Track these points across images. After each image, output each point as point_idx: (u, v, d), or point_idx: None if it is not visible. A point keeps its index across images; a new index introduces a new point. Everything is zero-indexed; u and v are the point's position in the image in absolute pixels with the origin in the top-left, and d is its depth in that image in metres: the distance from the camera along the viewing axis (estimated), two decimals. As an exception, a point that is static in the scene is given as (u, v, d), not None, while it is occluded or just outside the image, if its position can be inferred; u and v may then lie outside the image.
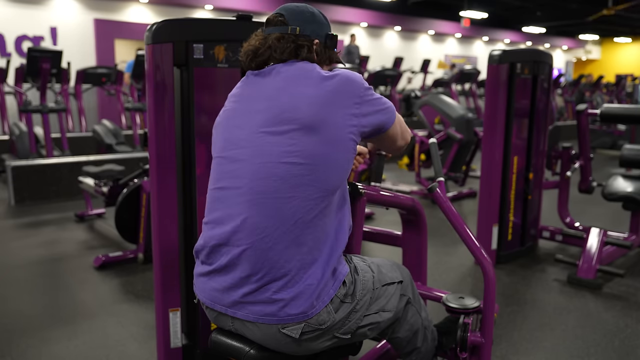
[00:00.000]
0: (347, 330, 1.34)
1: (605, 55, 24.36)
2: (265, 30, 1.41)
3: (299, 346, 1.29)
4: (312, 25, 1.41)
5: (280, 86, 1.31)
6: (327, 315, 1.28)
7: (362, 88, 1.32)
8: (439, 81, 10.83)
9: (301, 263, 1.25)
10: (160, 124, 1.90)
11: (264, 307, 1.25)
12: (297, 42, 1.36)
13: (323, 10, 10.84)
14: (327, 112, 1.27)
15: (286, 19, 1.39)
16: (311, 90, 1.28)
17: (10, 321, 2.63)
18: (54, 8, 10.40)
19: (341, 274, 1.32)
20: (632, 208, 3.45)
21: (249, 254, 1.25)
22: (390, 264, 1.54)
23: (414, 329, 1.59)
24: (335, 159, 1.28)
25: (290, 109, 1.27)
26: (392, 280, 1.47)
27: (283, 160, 1.25)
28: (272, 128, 1.27)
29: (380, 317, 1.41)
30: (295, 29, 1.37)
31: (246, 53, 1.40)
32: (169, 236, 1.97)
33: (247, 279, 1.26)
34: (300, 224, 1.25)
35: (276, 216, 1.24)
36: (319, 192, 1.26)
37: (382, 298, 1.42)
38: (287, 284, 1.24)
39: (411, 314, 1.57)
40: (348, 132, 1.29)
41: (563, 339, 2.49)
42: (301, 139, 1.25)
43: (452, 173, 5.28)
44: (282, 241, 1.24)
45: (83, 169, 4.42)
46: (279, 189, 1.24)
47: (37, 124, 6.80)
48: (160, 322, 2.02)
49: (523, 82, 3.35)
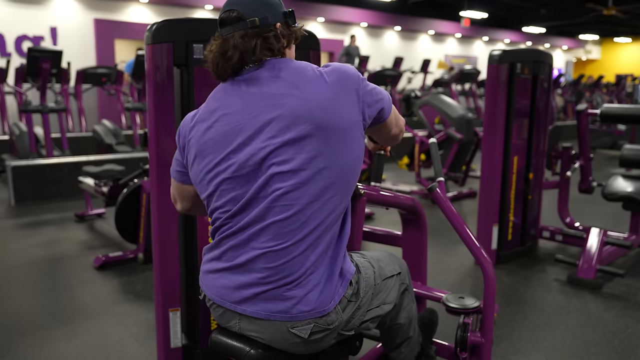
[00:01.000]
0: (351, 327, 1.36)
1: (605, 55, 24.36)
2: (223, 31, 1.32)
3: (307, 346, 1.29)
4: (268, 10, 1.32)
5: (283, 92, 1.25)
6: (335, 315, 1.28)
7: (359, 79, 1.30)
8: (439, 81, 10.83)
9: (316, 263, 1.25)
10: (160, 124, 1.90)
11: (276, 304, 1.25)
12: (262, 34, 1.29)
13: (323, 10, 10.77)
14: (338, 111, 1.24)
15: (240, 13, 1.30)
16: (318, 91, 1.24)
17: (10, 321, 2.63)
18: (54, 8, 10.40)
19: (348, 273, 1.32)
20: (632, 208, 3.45)
21: (270, 256, 1.24)
22: (388, 255, 1.56)
23: (410, 315, 1.62)
24: (351, 159, 1.27)
25: (304, 114, 1.22)
26: (392, 273, 1.50)
27: (304, 167, 1.21)
28: (287, 136, 1.21)
29: (381, 310, 1.44)
30: (254, 21, 1.29)
31: (213, 61, 1.31)
32: (169, 236, 1.97)
33: (262, 279, 1.25)
34: (320, 227, 1.24)
35: (298, 222, 1.23)
36: (339, 193, 1.26)
37: (383, 292, 1.44)
38: (301, 282, 1.24)
39: (407, 301, 1.60)
40: (357, 127, 1.28)
41: (563, 339, 2.49)
42: (319, 142, 1.22)
43: (452, 173, 5.28)
44: (301, 245, 1.23)
45: (83, 169, 4.42)
46: (302, 195, 1.22)
47: (37, 124, 6.80)
48: (160, 322, 2.02)
49: (523, 82, 3.35)
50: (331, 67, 1.30)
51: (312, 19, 13.78)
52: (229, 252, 1.30)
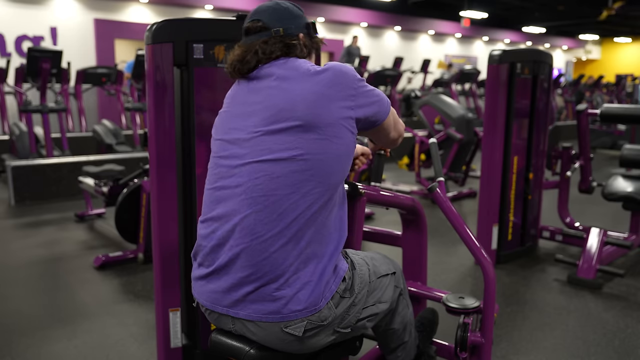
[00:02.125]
0: (347, 324, 1.35)
1: (605, 55, 24.35)
2: (247, 40, 1.38)
3: (302, 344, 1.29)
4: (292, 21, 1.39)
5: (273, 85, 1.30)
6: (328, 311, 1.28)
7: (355, 80, 1.31)
8: (439, 81, 10.83)
9: (301, 259, 1.25)
10: (160, 124, 1.90)
11: (266, 305, 1.25)
12: (285, 41, 1.35)
13: (323, 10, 10.78)
14: (323, 106, 1.26)
15: (265, 23, 1.36)
16: (305, 86, 1.27)
17: (10, 321, 2.63)
18: (54, 8, 10.40)
19: (342, 270, 1.33)
20: (632, 208, 3.45)
21: (248, 252, 1.25)
22: (382, 256, 1.57)
23: (405, 320, 1.63)
24: (335, 153, 1.28)
25: (286, 106, 1.26)
26: (386, 272, 1.50)
27: (282, 157, 1.24)
28: (269, 127, 1.27)
29: (377, 308, 1.44)
30: (278, 31, 1.35)
31: (232, 64, 1.38)
32: (169, 236, 1.97)
33: (246, 277, 1.26)
34: (300, 220, 1.25)
35: (275, 213, 1.24)
36: (320, 186, 1.27)
37: (378, 290, 1.45)
38: (288, 280, 1.24)
39: (402, 306, 1.60)
40: (345, 124, 1.29)
41: (563, 339, 2.49)
42: (299, 136, 1.24)
43: (452, 173, 5.28)
44: (281, 238, 1.24)
45: (83, 169, 4.42)
46: (278, 186, 1.24)
47: (37, 124, 6.80)
48: (160, 322, 2.02)
49: (523, 82, 3.35)
50: (328, 65, 1.32)
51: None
52: (209, 256, 1.32)
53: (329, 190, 1.29)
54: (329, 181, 1.28)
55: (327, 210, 1.29)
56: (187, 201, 1.98)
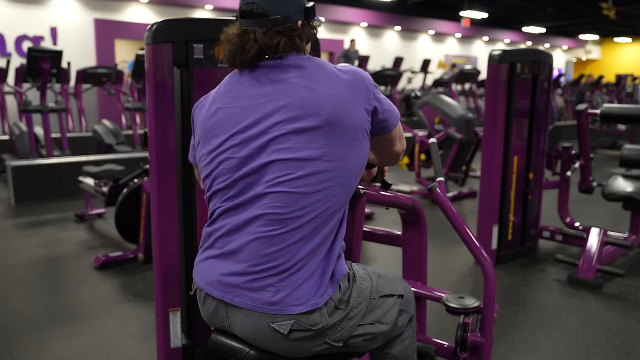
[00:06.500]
0: (339, 338, 1.31)
1: (605, 55, 24.35)
2: (244, 22, 1.32)
3: (289, 345, 1.27)
4: (291, 6, 1.32)
5: (298, 83, 1.27)
6: (319, 316, 1.26)
7: (372, 85, 1.32)
8: (439, 81, 10.83)
9: (309, 255, 1.25)
10: (160, 124, 1.90)
11: (262, 294, 1.24)
12: (285, 33, 1.30)
13: (323, 10, 10.79)
14: (347, 108, 1.26)
15: (262, 7, 1.30)
16: (332, 87, 1.26)
17: (10, 321, 2.63)
18: (54, 8, 10.40)
19: (339, 274, 1.31)
20: (632, 208, 3.45)
21: (264, 241, 1.24)
22: (393, 277, 1.49)
23: (407, 353, 1.52)
24: (354, 157, 1.28)
25: (314, 105, 1.24)
26: (392, 292, 1.43)
27: (310, 158, 1.23)
28: (295, 125, 1.24)
29: (376, 328, 1.37)
30: (277, 19, 1.29)
31: (230, 52, 1.33)
32: (169, 236, 1.97)
33: (253, 266, 1.25)
34: (319, 219, 1.25)
35: (298, 209, 1.23)
36: (341, 189, 1.27)
37: (379, 309, 1.38)
38: (292, 273, 1.24)
39: (408, 334, 1.51)
40: (364, 128, 1.30)
41: (563, 339, 2.49)
42: (326, 136, 1.24)
43: (452, 173, 5.28)
44: (298, 233, 1.24)
45: (83, 169, 4.42)
46: (305, 184, 1.23)
47: (37, 124, 6.81)
48: (160, 322, 2.02)
49: (523, 82, 3.35)
50: (347, 67, 1.32)
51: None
52: (222, 239, 1.30)
53: (346, 194, 1.29)
54: (348, 185, 1.29)
55: (341, 213, 1.30)
56: (187, 201, 1.98)
